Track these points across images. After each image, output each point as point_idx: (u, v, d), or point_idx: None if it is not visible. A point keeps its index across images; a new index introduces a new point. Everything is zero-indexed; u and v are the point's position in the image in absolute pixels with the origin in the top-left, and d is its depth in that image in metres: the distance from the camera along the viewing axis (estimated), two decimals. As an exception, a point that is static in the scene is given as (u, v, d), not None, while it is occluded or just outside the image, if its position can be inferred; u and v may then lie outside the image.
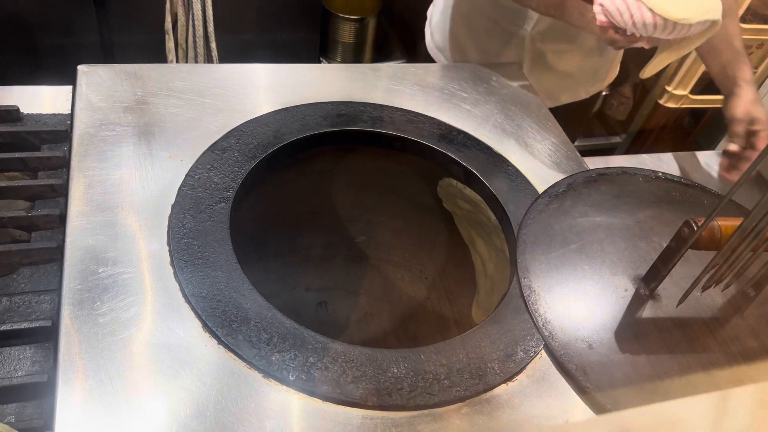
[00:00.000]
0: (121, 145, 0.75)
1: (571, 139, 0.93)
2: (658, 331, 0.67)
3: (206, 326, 0.58)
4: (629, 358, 0.63)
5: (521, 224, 0.76)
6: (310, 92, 0.88)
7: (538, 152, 0.89)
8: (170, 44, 1.70)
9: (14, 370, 0.57)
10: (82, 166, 0.71)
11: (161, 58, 1.73)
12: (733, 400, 0.33)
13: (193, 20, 1.68)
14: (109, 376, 0.53)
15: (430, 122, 0.89)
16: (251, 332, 0.59)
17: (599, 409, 0.59)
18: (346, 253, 1.10)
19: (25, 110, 0.81)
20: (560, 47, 1.10)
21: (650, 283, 0.69)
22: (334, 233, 1.07)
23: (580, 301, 0.69)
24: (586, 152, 0.94)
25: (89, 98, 0.79)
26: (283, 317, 0.61)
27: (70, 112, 0.82)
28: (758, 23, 1.78)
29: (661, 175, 0.87)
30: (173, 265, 0.63)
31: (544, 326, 0.65)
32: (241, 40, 1.85)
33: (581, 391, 0.60)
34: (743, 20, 1.73)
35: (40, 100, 0.83)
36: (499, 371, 0.60)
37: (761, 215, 0.58)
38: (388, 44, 2.26)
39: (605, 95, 2.15)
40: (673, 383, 0.62)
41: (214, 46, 1.73)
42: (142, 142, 0.75)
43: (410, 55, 2.20)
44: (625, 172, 0.87)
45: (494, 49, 1.13)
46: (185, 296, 0.61)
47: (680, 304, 0.67)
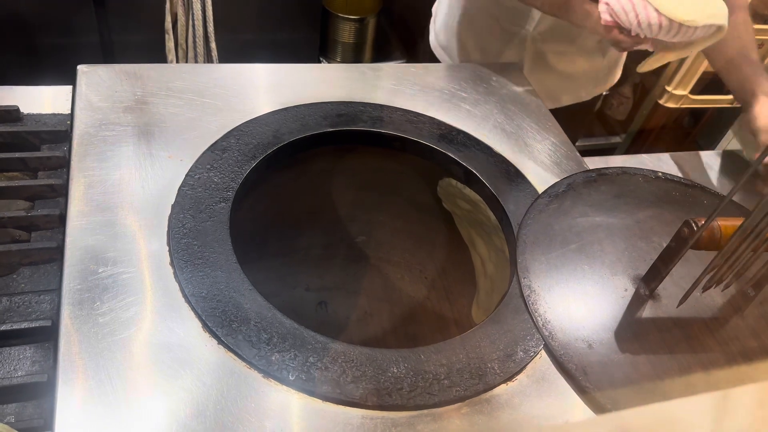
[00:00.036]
0: (121, 145, 0.75)
1: (572, 140, 0.93)
2: (658, 331, 0.67)
3: (206, 326, 0.58)
4: (629, 357, 0.63)
5: (521, 224, 0.76)
6: (309, 92, 0.88)
7: (538, 152, 0.89)
8: (170, 44, 1.70)
9: (14, 370, 0.57)
10: (82, 166, 0.71)
11: (161, 58, 1.73)
12: (733, 400, 0.33)
13: (193, 20, 1.68)
14: (109, 376, 0.53)
15: (429, 122, 0.89)
16: (251, 332, 0.59)
17: (599, 409, 0.59)
18: (346, 253, 1.10)
19: (25, 110, 0.81)
20: (561, 48, 1.10)
21: (650, 283, 0.69)
22: (333, 233, 1.07)
23: (580, 301, 0.69)
24: (586, 152, 0.94)
25: (89, 98, 0.79)
26: (283, 317, 0.61)
27: (70, 112, 0.82)
28: (758, 23, 1.78)
29: (661, 175, 0.87)
30: (173, 265, 0.63)
31: (544, 326, 0.65)
32: (241, 40, 1.85)
33: (581, 391, 0.60)
34: (743, 20, 1.73)
35: (40, 100, 0.83)
36: (499, 371, 0.60)
37: (761, 215, 0.58)
38: (388, 44, 2.26)
39: (605, 95, 2.15)
40: (673, 383, 0.62)
41: (214, 46, 1.73)
42: (141, 142, 0.75)
43: (410, 55, 2.21)
44: (625, 172, 0.86)
45: (495, 48, 1.13)
46: (185, 296, 0.61)
47: (680, 305, 0.67)
